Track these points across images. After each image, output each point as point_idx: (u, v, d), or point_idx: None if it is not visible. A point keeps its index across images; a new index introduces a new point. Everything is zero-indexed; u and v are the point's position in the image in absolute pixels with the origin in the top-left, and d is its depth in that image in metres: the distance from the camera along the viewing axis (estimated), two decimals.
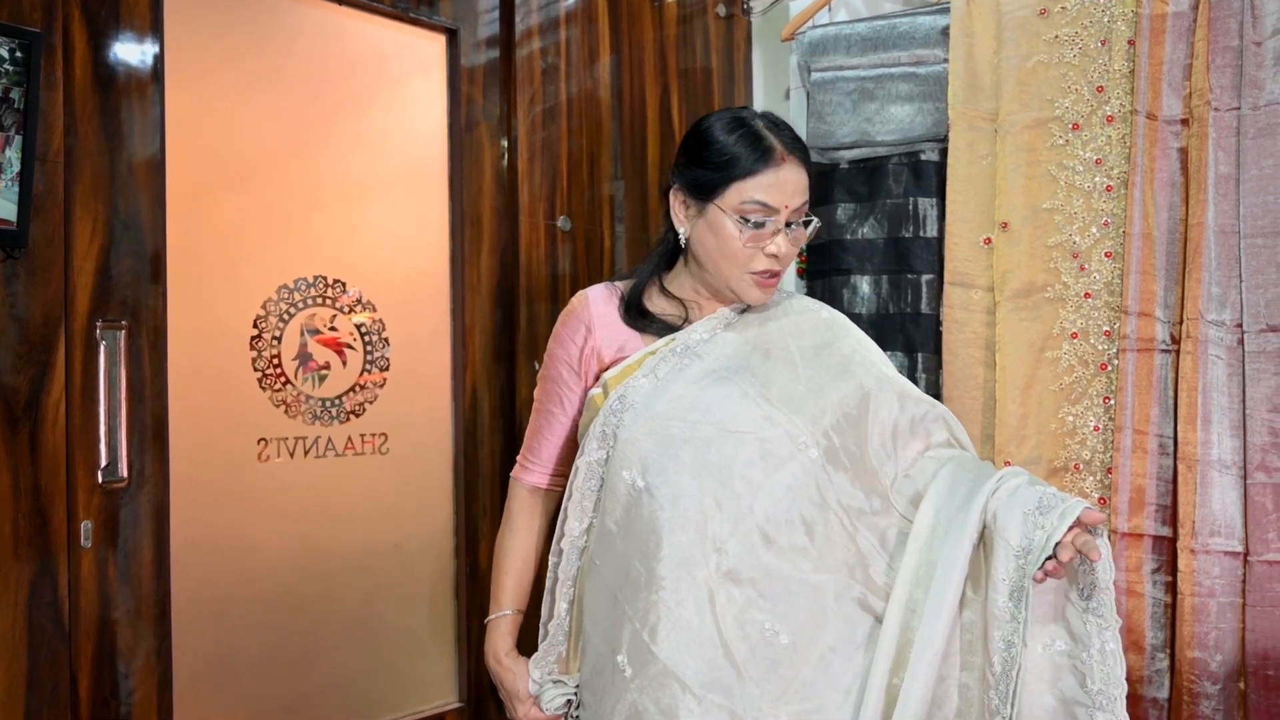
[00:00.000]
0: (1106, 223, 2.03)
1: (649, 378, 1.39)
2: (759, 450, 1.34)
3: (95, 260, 1.68)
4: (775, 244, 1.38)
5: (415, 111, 2.27)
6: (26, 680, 1.59)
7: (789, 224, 1.38)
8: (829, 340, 1.46)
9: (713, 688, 1.27)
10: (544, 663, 1.45)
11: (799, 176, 1.38)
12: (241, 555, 1.99)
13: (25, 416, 1.59)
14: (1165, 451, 1.91)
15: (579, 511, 1.42)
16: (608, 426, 1.38)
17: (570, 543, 1.42)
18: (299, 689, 2.05)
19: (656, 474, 1.34)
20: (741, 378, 1.39)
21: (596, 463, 1.40)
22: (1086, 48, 2.05)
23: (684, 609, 1.29)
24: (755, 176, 1.36)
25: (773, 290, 1.44)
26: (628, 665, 1.31)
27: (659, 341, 1.43)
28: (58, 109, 1.63)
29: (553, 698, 1.43)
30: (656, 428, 1.35)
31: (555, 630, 1.44)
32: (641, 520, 1.33)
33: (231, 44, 2.00)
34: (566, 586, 1.44)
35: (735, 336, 1.43)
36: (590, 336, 1.45)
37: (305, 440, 2.09)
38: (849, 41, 2.29)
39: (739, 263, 1.39)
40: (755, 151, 1.36)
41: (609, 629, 1.35)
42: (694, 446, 1.34)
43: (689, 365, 1.40)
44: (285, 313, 2.07)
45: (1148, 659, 1.90)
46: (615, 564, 1.36)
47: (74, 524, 1.64)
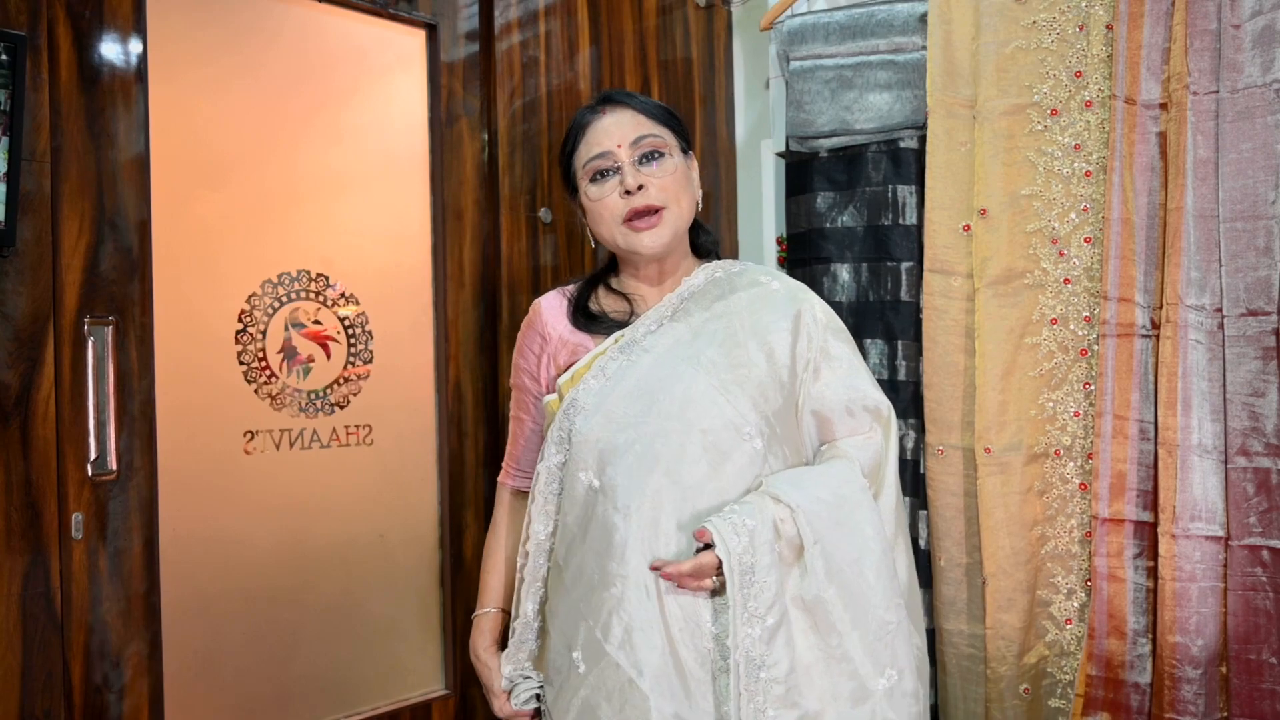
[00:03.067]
0: (1086, 208, 1.93)
1: (598, 378, 1.34)
2: (705, 442, 1.30)
3: (83, 258, 1.65)
4: (626, 182, 1.35)
5: (396, 106, 2.21)
6: (20, 670, 1.56)
7: (640, 159, 1.36)
8: (777, 319, 1.39)
9: (660, 684, 1.24)
10: (515, 659, 1.43)
11: (621, 115, 1.38)
12: (229, 546, 1.95)
13: (16, 412, 1.57)
14: (1146, 437, 1.82)
15: (543, 515, 1.39)
16: (563, 430, 1.35)
17: (536, 545, 1.40)
18: (287, 677, 2.01)
19: (609, 473, 1.30)
20: (688, 368, 1.33)
21: (556, 466, 1.37)
22: (1064, 33, 1.95)
23: (634, 606, 1.25)
24: (584, 139, 1.39)
25: (659, 230, 1.36)
26: (582, 661, 1.28)
27: (607, 341, 1.39)
28: (44, 109, 1.60)
29: (521, 691, 1.41)
30: (607, 427, 1.31)
31: (523, 629, 1.42)
32: (596, 519, 1.30)
33: (213, 42, 1.95)
34: (535, 587, 1.41)
35: (681, 326, 1.38)
36: (546, 344, 1.44)
37: (291, 433, 2.05)
38: (827, 30, 2.19)
39: (611, 219, 1.37)
40: (577, 124, 1.40)
41: (566, 626, 1.32)
42: (643, 443, 1.29)
43: (637, 360, 1.34)
44: (270, 307, 2.03)
45: (1129, 644, 1.81)
46: (574, 563, 1.33)
47: (65, 516, 1.61)
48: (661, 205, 1.36)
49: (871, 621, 1.27)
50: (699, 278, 1.42)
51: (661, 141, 1.37)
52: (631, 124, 1.37)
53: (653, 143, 1.36)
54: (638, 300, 1.43)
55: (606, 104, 1.40)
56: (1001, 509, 1.95)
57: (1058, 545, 1.95)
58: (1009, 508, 1.95)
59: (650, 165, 1.36)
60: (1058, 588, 1.94)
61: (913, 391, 2.11)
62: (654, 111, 1.40)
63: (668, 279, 1.44)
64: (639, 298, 1.43)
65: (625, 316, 1.41)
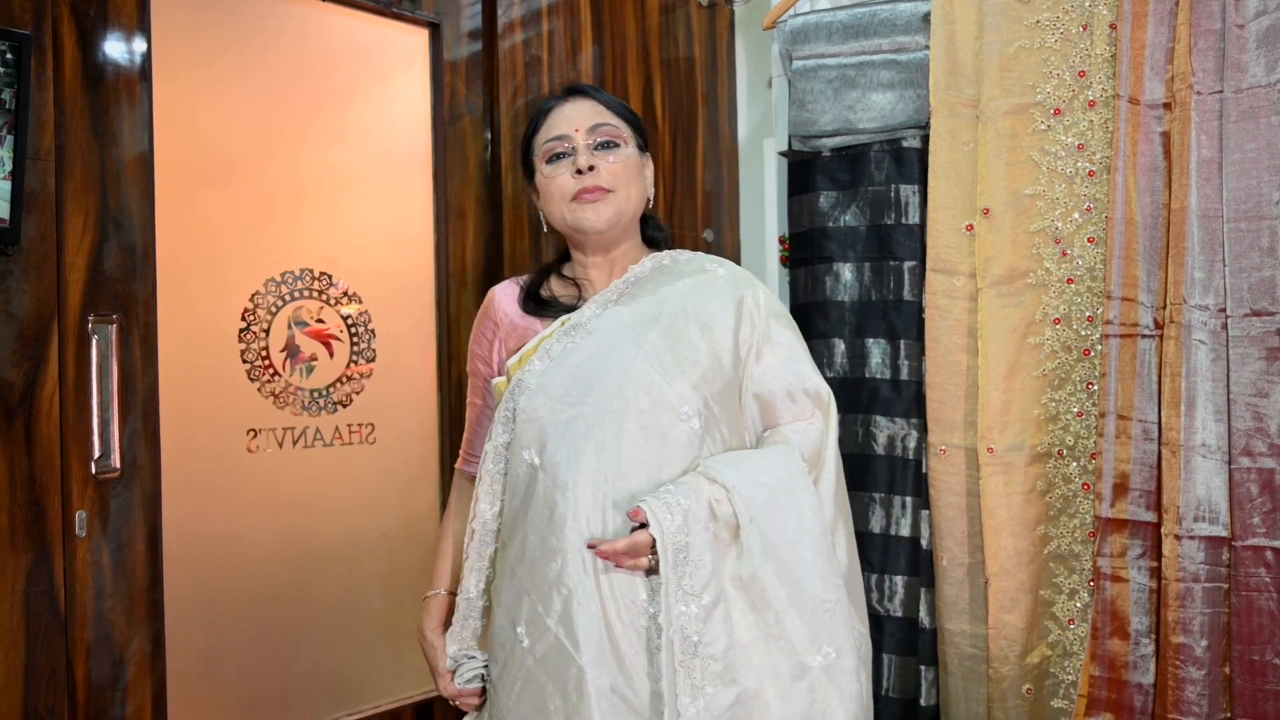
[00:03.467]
0: (1089, 208, 1.91)
1: (543, 359, 1.37)
2: (644, 422, 1.30)
3: (87, 256, 1.65)
4: (579, 161, 1.38)
5: (399, 105, 2.20)
6: (25, 666, 1.55)
7: (595, 145, 1.40)
8: (719, 304, 1.39)
9: (597, 659, 1.25)
10: (459, 638, 1.44)
11: (583, 104, 1.42)
12: (231, 544, 1.94)
13: (20, 409, 1.56)
14: (1149, 437, 1.80)
15: (489, 495, 1.40)
16: (508, 410, 1.37)
17: (482, 524, 1.40)
18: (289, 674, 2.00)
19: (551, 452, 1.31)
20: (630, 350, 1.34)
21: (502, 446, 1.38)
22: (1068, 32, 1.93)
23: (572, 581, 1.27)
24: (545, 124, 1.43)
25: (602, 207, 1.39)
26: (525, 636, 1.30)
27: (553, 324, 1.41)
28: (48, 108, 1.59)
29: (465, 671, 1.42)
30: (550, 406, 1.33)
31: (466, 607, 1.43)
32: (538, 496, 1.31)
33: (217, 40, 1.94)
34: (480, 566, 1.41)
35: (625, 310, 1.39)
36: (498, 330, 1.46)
37: (294, 431, 2.04)
38: (830, 29, 2.17)
39: (561, 196, 1.40)
40: (540, 110, 1.45)
41: (510, 602, 1.33)
42: (583, 422, 1.30)
43: (581, 342, 1.36)
44: (273, 305, 2.02)
45: (1132, 644, 1.80)
46: (517, 539, 1.34)
47: (69, 514, 1.61)
48: (610, 188, 1.39)
49: (808, 600, 1.27)
50: (646, 265, 1.44)
51: (618, 133, 1.41)
52: (591, 112, 1.41)
53: (609, 132, 1.40)
54: (586, 286, 1.45)
55: (570, 94, 1.44)
56: (1004, 509, 1.93)
57: (1060, 545, 1.93)
58: (1011, 508, 1.93)
59: (604, 152, 1.39)
60: (1060, 588, 1.92)
61: (915, 391, 2.09)
62: (615, 106, 1.44)
63: (616, 266, 1.45)
64: (588, 283, 1.45)
65: (574, 301, 1.43)
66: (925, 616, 2.06)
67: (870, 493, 2.11)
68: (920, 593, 2.06)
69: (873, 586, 2.09)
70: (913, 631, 2.06)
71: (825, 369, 2.19)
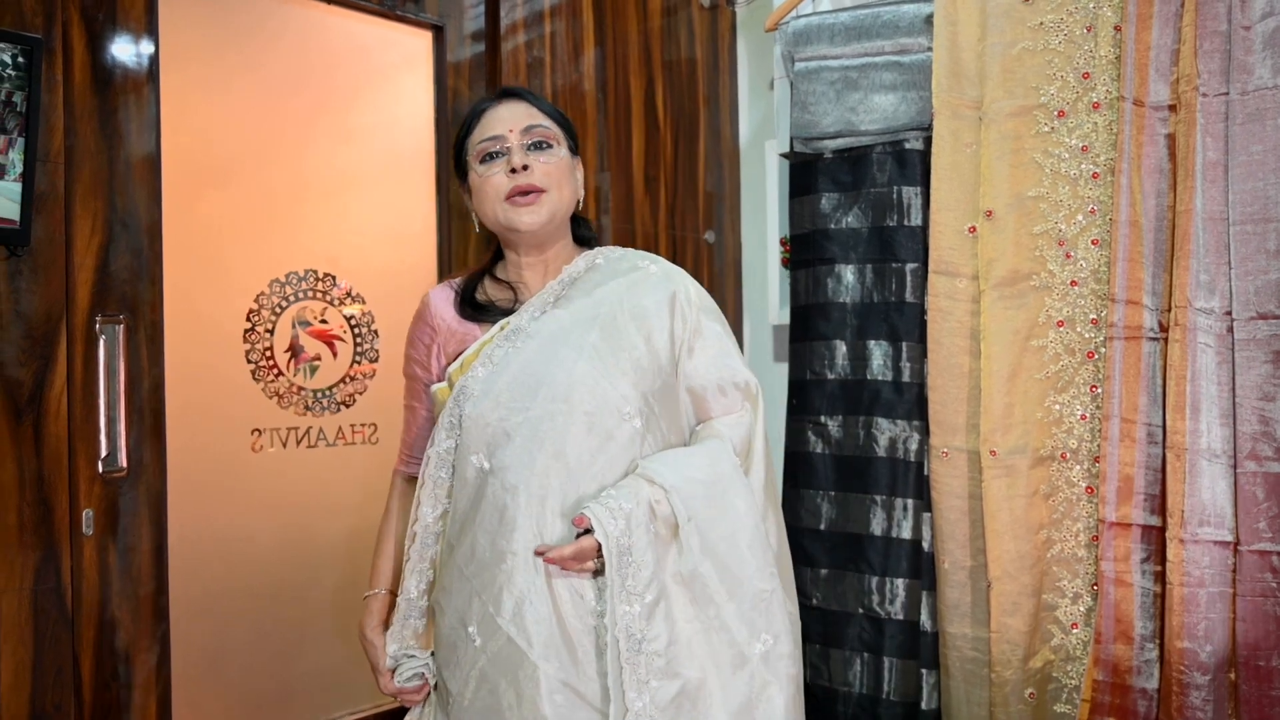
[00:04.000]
0: (1093, 210, 1.88)
1: (485, 365, 1.37)
2: (589, 423, 1.33)
3: (95, 257, 1.65)
4: (513, 160, 1.38)
5: (403, 106, 2.20)
6: (32, 663, 1.57)
7: (529, 146, 1.40)
8: (654, 302, 1.41)
9: (549, 655, 1.27)
10: (400, 637, 1.45)
11: (516, 106, 1.42)
12: (236, 542, 1.94)
13: (29, 409, 1.57)
14: (1154, 440, 1.77)
15: (432, 499, 1.41)
16: (453, 416, 1.37)
17: (423, 527, 1.42)
18: (292, 672, 2.00)
19: (499, 455, 1.32)
20: (571, 352, 1.36)
21: (446, 451, 1.38)
22: (1072, 34, 1.90)
23: (523, 581, 1.29)
24: (479, 124, 1.42)
25: (536, 209, 1.39)
26: (477, 635, 1.31)
27: (493, 329, 1.41)
28: (58, 111, 1.60)
29: (405, 670, 1.43)
30: (496, 411, 1.34)
31: (407, 607, 1.44)
32: (487, 499, 1.32)
33: (223, 42, 1.94)
34: (420, 567, 1.43)
35: (563, 312, 1.40)
36: (435, 335, 1.45)
37: (297, 430, 2.04)
38: (832, 31, 2.14)
39: (495, 196, 1.40)
40: (474, 110, 1.45)
41: (460, 602, 1.34)
42: (530, 425, 1.32)
43: (522, 346, 1.37)
44: (277, 306, 2.02)
45: (1136, 649, 1.76)
46: (466, 542, 1.34)
47: (76, 512, 1.62)
48: (544, 188, 1.39)
49: (747, 591, 1.31)
50: (580, 264, 1.45)
51: (551, 134, 1.42)
52: (525, 114, 1.41)
53: (542, 133, 1.41)
54: (522, 288, 1.45)
55: (504, 96, 1.44)
56: (1006, 512, 1.90)
57: (1064, 549, 1.90)
58: (1014, 511, 1.90)
59: (538, 152, 1.40)
60: (1064, 592, 1.89)
61: (917, 393, 2.06)
62: (548, 109, 1.45)
63: (550, 266, 1.46)
64: (523, 286, 1.45)
65: (511, 304, 1.43)
66: (927, 620, 2.03)
67: (871, 495, 2.08)
68: (922, 596, 2.03)
69: (874, 589, 2.07)
70: (914, 634, 2.03)
71: (826, 371, 2.16)
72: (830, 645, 2.11)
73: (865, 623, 2.07)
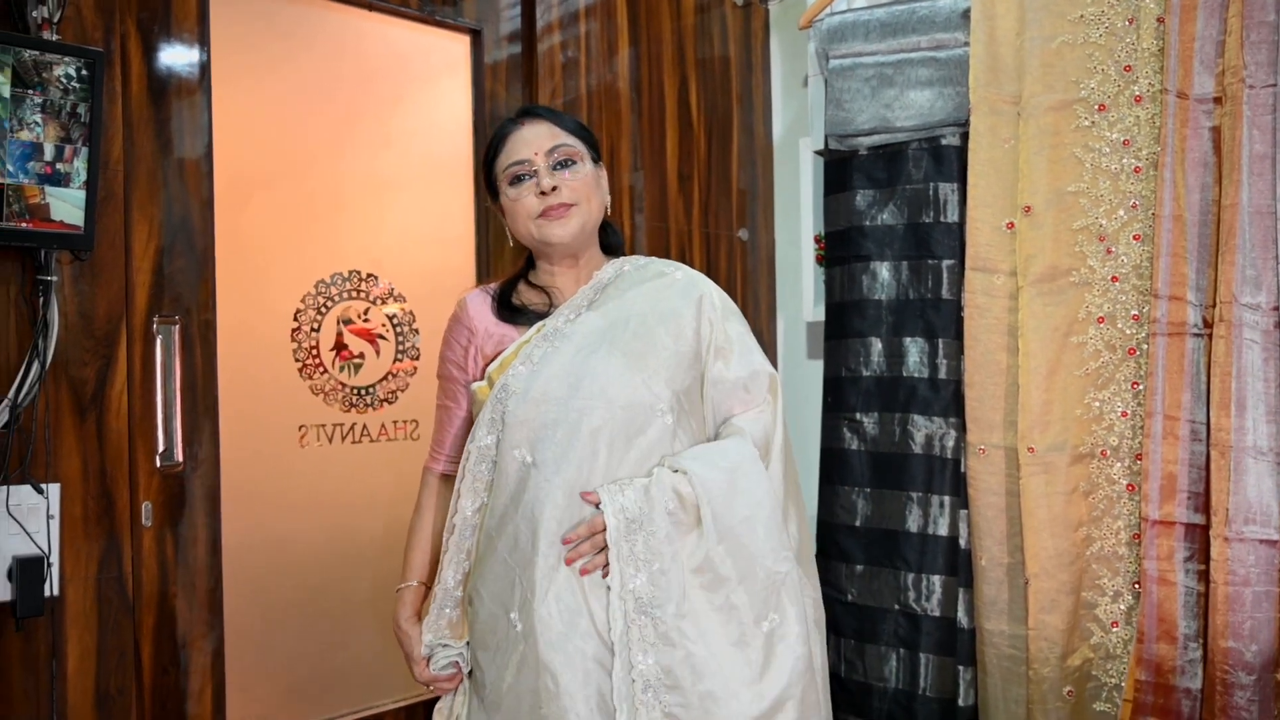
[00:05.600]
0: (1135, 205, 1.81)
1: (526, 364, 1.40)
2: (625, 418, 1.37)
3: (151, 260, 1.68)
4: (542, 183, 1.42)
5: (441, 109, 2.18)
6: (96, 648, 1.60)
7: (555, 165, 1.43)
8: (681, 305, 1.46)
9: (581, 635, 1.31)
10: (435, 627, 1.47)
11: (539, 127, 1.45)
12: (285, 534, 1.96)
13: (92, 406, 1.61)
14: (1198, 438, 1.70)
15: (471, 492, 1.43)
16: (495, 414, 1.40)
17: (462, 519, 1.44)
18: (339, 661, 2.01)
19: (541, 450, 1.36)
20: (606, 352, 1.40)
21: (487, 447, 1.41)
22: (1113, 26, 1.82)
23: (559, 572, 1.32)
24: (504, 147, 1.45)
25: (567, 222, 1.43)
26: (519, 621, 1.34)
27: (530, 331, 1.45)
28: (117, 120, 1.63)
29: (440, 658, 1.45)
30: (538, 409, 1.37)
31: (443, 596, 1.47)
32: (530, 491, 1.36)
33: (267, 51, 1.94)
34: (458, 558, 1.45)
35: (596, 315, 1.44)
36: (473, 338, 1.48)
37: (342, 426, 2.05)
38: (867, 27, 2.08)
39: (527, 215, 1.43)
40: (498, 135, 1.47)
41: (503, 591, 1.37)
42: (570, 420, 1.36)
43: (560, 346, 1.41)
44: (322, 305, 2.02)
45: (1180, 649, 1.70)
46: (508, 532, 1.38)
47: (136, 505, 1.65)
48: (573, 203, 1.43)
49: (760, 574, 1.35)
50: (608, 271, 1.49)
51: (575, 150, 1.45)
52: (548, 135, 1.44)
53: (566, 151, 1.44)
54: (555, 293, 1.49)
55: (525, 116, 1.47)
56: (1045, 509, 1.84)
57: (1104, 547, 1.83)
58: (1053, 508, 1.84)
59: (564, 170, 1.43)
60: (1104, 590, 1.83)
61: (953, 390, 2.00)
62: (568, 125, 1.47)
63: (582, 273, 1.51)
64: (556, 290, 1.49)
65: (545, 308, 1.48)
66: (963, 616, 1.97)
67: (907, 492, 2.03)
68: (958, 592, 1.98)
69: (910, 585, 2.02)
70: (950, 631, 1.98)
71: (862, 368, 2.11)
72: (866, 641, 2.06)
73: (901, 619, 2.02)
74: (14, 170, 1.42)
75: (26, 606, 1.49)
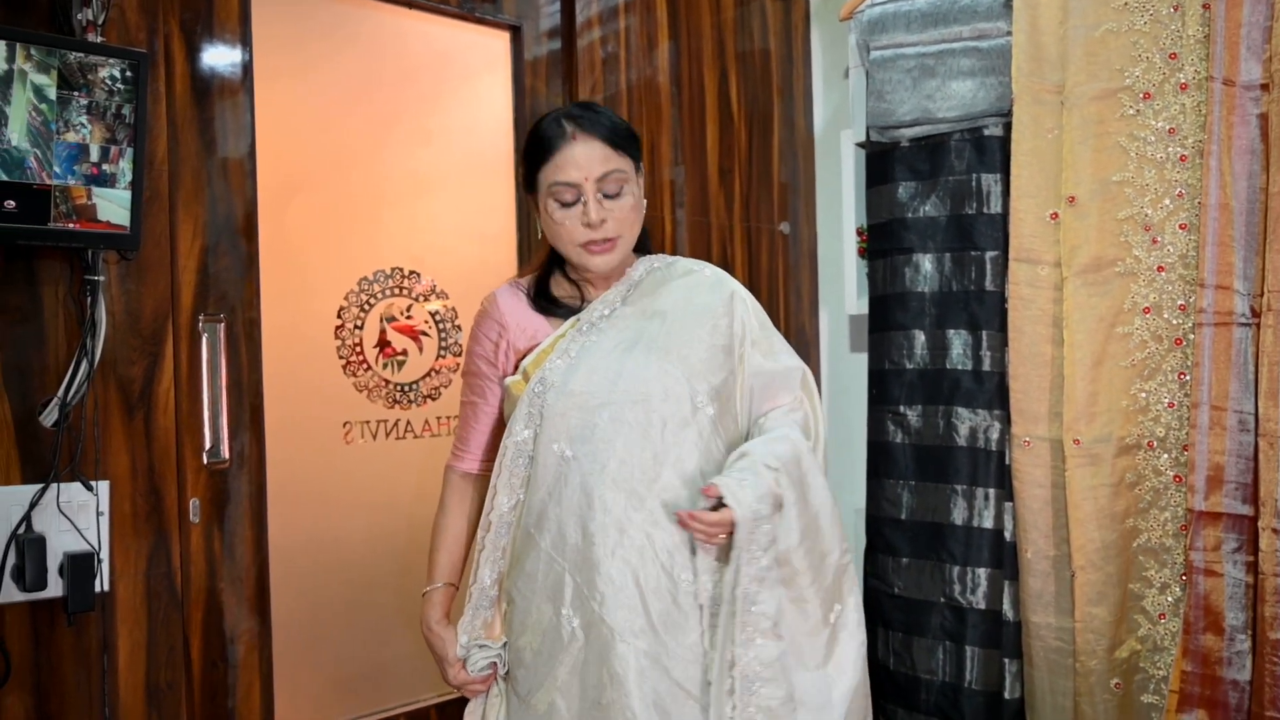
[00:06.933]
0: (1180, 194, 1.85)
1: (563, 358, 1.44)
2: (665, 412, 1.41)
3: (196, 259, 1.72)
4: (589, 214, 1.41)
5: (481, 106, 2.23)
6: (146, 642, 1.64)
7: (604, 194, 1.42)
8: (714, 301, 1.50)
9: (639, 636, 1.35)
10: (470, 628, 1.49)
11: (592, 148, 1.41)
12: (330, 530, 2.00)
13: (140, 404, 1.65)
14: (1245, 428, 1.73)
15: (508, 488, 1.45)
16: (533, 408, 1.43)
17: (499, 517, 1.46)
18: (383, 656, 2.06)
19: (582, 443, 1.40)
20: (644, 347, 1.44)
21: (524, 441, 1.44)
22: (1158, 13, 1.85)
23: (613, 563, 1.36)
24: (551, 160, 1.42)
25: (610, 255, 1.45)
26: (574, 616, 1.38)
27: (565, 325, 1.48)
28: (161, 121, 1.66)
29: (478, 660, 1.46)
30: (577, 402, 1.41)
31: (479, 596, 1.49)
32: (572, 486, 1.40)
33: (308, 49, 1.99)
34: (494, 556, 1.47)
35: (631, 310, 1.49)
36: (505, 332, 1.50)
37: (386, 423, 2.10)
38: (909, 18, 2.13)
39: (569, 239, 1.44)
40: (547, 139, 1.43)
41: (550, 586, 1.40)
42: (611, 414, 1.40)
43: (597, 341, 1.45)
44: (365, 303, 2.07)
45: (1227, 640, 1.73)
46: (552, 529, 1.41)
47: (184, 502, 1.69)
48: (618, 235, 1.44)
49: (829, 567, 1.43)
50: (639, 269, 1.53)
51: (625, 175, 1.44)
52: (600, 158, 1.41)
53: (618, 178, 1.43)
54: (587, 288, 1.52)
55: (577, 129, 1.42)
56: (1091, 501, 1.88)
57: (1151, 538, 1.87)
58: (1099, 500, 1.88)
59: (613, 200, 1.43)
60: (1151, 581, 1.87)
61: (998, 382, 2.04)
62: (620, 141, 1.44)
63: (614, 272, 1.53)
64: (588, 285, 1.52)
65: (578, 303, 1.51)
66: (1009, 609, 2.02)
67: (952, 484, 2.07)
68: (1004, 585, 2.02)
69: (955, 579, 2.06)
70: (996, 624, 2.02)
71: (905, 361, 2.16)
72: (912, 633, 2.11)
73: (947, 611, 2.07)
74: (61, 172, 1.45)
75: (77, 602, 1.53)
